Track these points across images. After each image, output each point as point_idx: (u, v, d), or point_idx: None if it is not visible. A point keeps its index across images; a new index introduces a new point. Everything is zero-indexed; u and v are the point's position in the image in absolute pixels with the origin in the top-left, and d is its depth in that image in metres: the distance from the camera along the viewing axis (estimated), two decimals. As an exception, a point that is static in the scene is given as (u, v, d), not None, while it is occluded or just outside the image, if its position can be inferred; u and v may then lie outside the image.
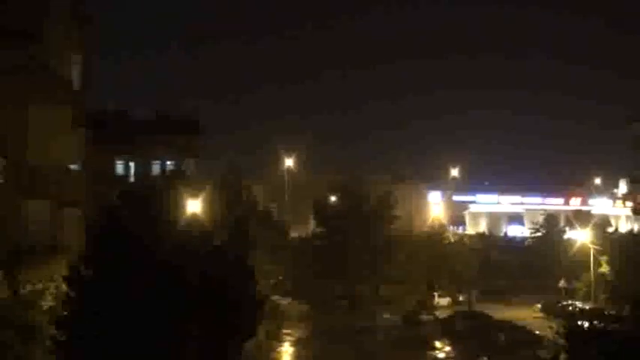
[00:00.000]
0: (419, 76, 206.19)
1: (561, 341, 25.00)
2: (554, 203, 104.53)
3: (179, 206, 22.78)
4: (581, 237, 64.74)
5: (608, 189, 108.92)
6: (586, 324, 25.53)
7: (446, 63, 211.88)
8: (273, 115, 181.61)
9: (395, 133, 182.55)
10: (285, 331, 49.47)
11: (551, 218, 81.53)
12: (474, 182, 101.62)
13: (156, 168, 55.12)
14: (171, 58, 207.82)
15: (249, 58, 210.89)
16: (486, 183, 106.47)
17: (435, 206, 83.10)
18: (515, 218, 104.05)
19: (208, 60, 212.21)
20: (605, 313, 43.60)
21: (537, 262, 72.74)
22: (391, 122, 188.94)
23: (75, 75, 37.70)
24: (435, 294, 64.93)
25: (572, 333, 22.96)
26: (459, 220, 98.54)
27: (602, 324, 22.49)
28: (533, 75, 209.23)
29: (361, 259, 59.74)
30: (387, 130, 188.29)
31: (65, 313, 21.12)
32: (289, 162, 74.34)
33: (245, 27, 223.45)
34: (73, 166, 36.24)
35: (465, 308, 59.39)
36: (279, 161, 76.34)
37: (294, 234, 69.31)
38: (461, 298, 66.33)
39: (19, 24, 31.77)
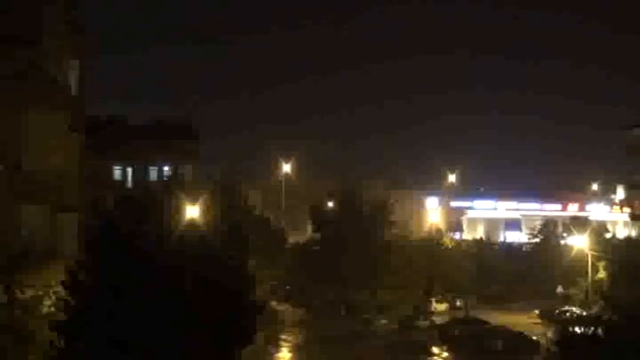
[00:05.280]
0: (415, 79, 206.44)
1: (554, 348, 25.05)
2: (552, 209, 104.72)
3: (177, 212, 22.86)
4: (578, 243, 64.88)
5: (605, 195, 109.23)
6: (582, 330, 25.58)
7: (442, 65, 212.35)
8: (269, 118, 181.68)
9: (391, 136, 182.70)
10: (282, 336, 49.48)
11: (548, 224, 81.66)
12: (470, 188, 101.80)
13: (153, 173, 55.22)
14: (166, 62, 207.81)
15: (243, 60, 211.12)
16: (482, 189, 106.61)
17: (433, 212, 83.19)
18: (513, 224, 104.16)
19: (203, 63, 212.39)
20: (603, 318, 43.71)
21: (535, 268, 72.79)
22: (387, 125, 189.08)
23: (72, 80, 37.89)
24: (433, 299, 64.99)
25: (564, 340, 23.05)
26: (456, 226, 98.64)
27: (598, 330, 22.56)
28: (532, 77, 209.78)
29: (358, 264, 59.74)
30: (383, 134, 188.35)
31: (63, 318, 21.15)
32: (286, 167, 74.52)
33: (240, 29, 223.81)
34: (70, 172, 36.33)
35: (462, 314, 59.42)
36: (275, 167, 76.51)
37: (291, 239, 69.37)
38: (458, 304, 66.37)
39: (17, 31, 31.94)
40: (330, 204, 68.06)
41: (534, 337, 46.45)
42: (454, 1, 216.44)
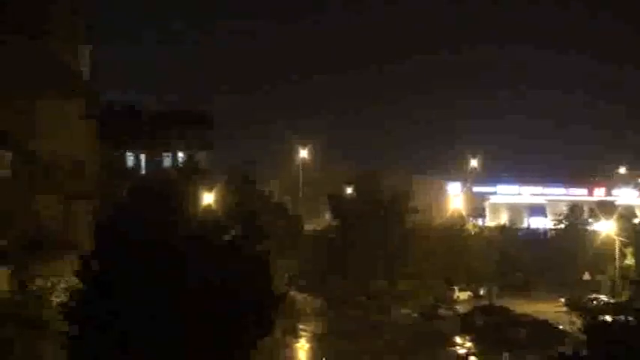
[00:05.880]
0: (435, 68, 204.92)
1: (582, 337, 24.89)
2: (578, 194, 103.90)
3: (193, 199, 22.92)
4: (605, 228, 64.39)
5: (633, 179, 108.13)
6: (609, 319, 25.37)
7: (463, 53, 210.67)
8: (287, 107, 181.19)
9: (411, 123, 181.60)
10: (301, 326, 49.61)
11: (574, 209, 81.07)
12: (493, 173, 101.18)
13: (167, 161, 55.40)
14: (182, 47, 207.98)
15: (262, 48, 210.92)
16: (505, 174, 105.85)
17: (455, 198, 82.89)
18: (537, 209, 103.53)
19: (220, 50, 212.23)
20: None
21: (560, 255, 72.36)
22: (408, 113, 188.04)
23: (85, 67, 38.05)
24: (455, 288, 64.84)
25: (592, 328, 22.84)
26: (479, 212, 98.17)
27: (628, 318, 22.33)
28: (556, 63, 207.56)
29: (377, 253, 59.66)
30: (403, 121, 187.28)
31: (74, 305, 21.27)
32: (304, 153, 74.54)
33: (260, 15, 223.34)
34: (83, 159, 36.52)
35: (486, 302, 59.26)
36: (293, 155, 76.56)
37: (308, 228, 69.41)
38: (481, 292, 66.21)
39: (29, 17, 32.09)
40: (349, 191, 68.05)
41: (560, 326, 46.22)
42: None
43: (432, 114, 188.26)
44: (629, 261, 62.46)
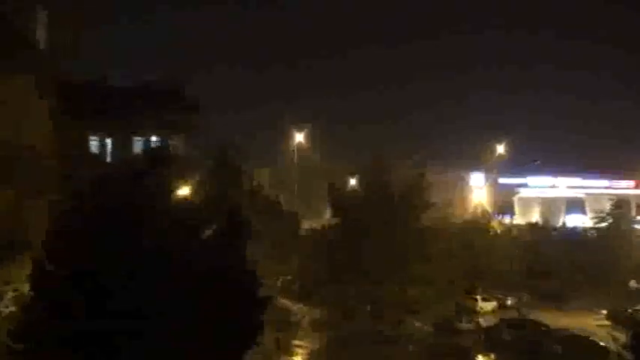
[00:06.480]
0: (454, 52, 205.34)
1: (627, 354, 24.87)
2: (623, 187, 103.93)
3: (165, 191, 22.85)
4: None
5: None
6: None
7: (483, 37, 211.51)
8: (280, 93, 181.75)
9: (427, 113, 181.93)
10: (296, 342, 49.68)
11: (620, 205, 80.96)
12: (522, 162, 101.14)
13: (138, 146, 55.17)
14: (167, 21, 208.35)
15: (254, 29, 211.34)
16: (537, 162, 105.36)
17: (478, 191, 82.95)
18: (575, 205, 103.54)
19: (206, 33, 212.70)
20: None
21: (602, 259, 72.43)
22: (423, 101, 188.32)
23: (41, 35, 37.82)
24: (478, 297, 64.84)
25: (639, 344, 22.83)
26: (506, 208, 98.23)
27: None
28: (592, 47, 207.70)
29: (386, 255, 59.59)
30: (418, 110, 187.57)
31: (24, 319, 21.22)
32: (300, 137, 74.56)
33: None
34: (39, 146, 36.37)
35: (514, 315, 59.34)
36: (288, 143, 76.62)
37: (305, 226, 69.46)
38: (509, 303, 66.26)
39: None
40: (353, 182, 68.11)
41: (602, 343, 46.21)
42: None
43: (444, 104, 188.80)
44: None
